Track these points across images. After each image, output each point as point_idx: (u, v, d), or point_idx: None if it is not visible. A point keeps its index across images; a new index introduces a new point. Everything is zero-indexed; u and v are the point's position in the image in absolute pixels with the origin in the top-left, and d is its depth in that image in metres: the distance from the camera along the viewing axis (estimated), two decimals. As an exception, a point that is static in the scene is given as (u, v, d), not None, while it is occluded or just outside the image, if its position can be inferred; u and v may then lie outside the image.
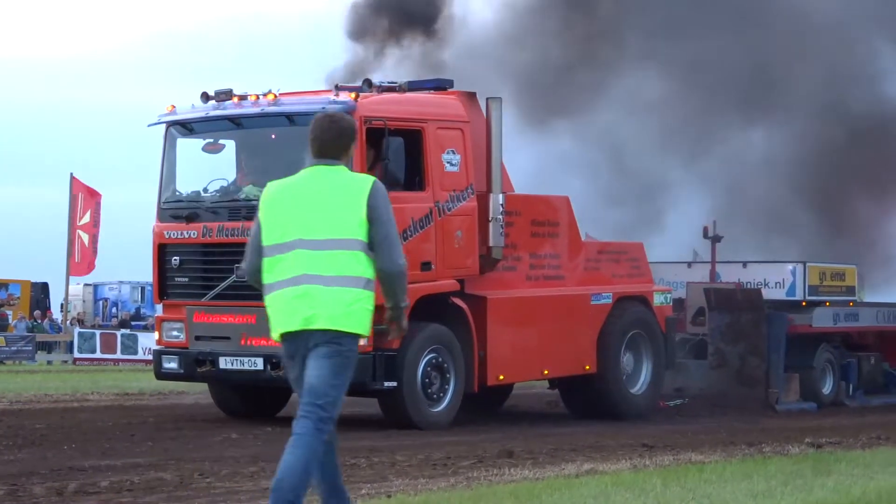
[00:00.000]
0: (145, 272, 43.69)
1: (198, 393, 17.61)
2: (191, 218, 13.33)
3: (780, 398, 17.54)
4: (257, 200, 12.60)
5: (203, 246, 13.29)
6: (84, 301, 43.91)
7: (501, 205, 13.62)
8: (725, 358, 17.42)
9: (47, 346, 34.72)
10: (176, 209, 13.51)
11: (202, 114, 13.45)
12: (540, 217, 14.70)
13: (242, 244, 12.58)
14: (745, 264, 18.81)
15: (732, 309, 17.50)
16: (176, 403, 16.67)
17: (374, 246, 5.98)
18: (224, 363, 13.11)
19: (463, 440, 12.12)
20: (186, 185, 13.72)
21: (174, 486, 8.83)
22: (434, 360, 13.10)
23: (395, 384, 12.73)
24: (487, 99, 13.90)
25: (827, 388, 18.63)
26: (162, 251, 13.51)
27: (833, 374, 18.75)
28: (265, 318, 13.07)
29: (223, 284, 13.09)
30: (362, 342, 6.33)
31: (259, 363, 12.89)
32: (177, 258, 13.41)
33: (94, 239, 32.89)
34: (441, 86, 13.97)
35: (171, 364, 13.55)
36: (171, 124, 13.66)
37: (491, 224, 13.55)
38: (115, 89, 71.75)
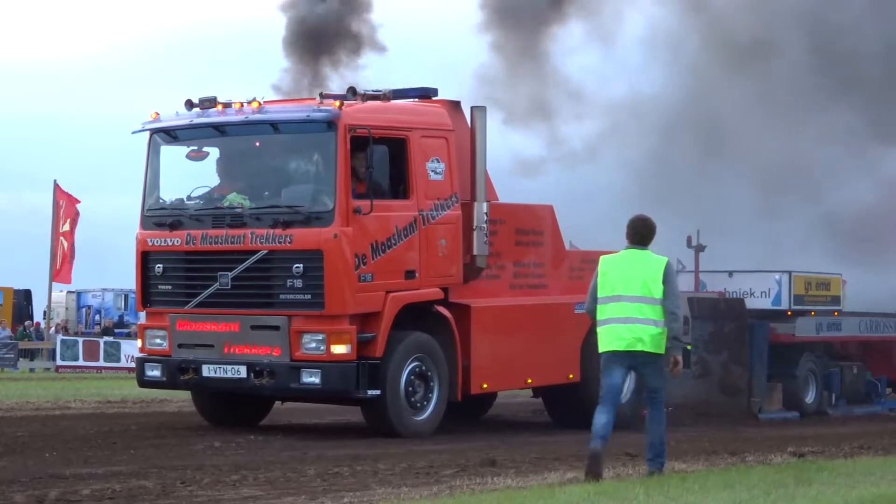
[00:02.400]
0: (128, 280, 43.68)
1: (180, 401, 17.69)
2: (174, 225, 13.33)
3: (763, 407, 17.67)
4: (241, 208, 12.64)
5: (186, 254, 13.29)
6: (67, 308, 44.03)
7: (486, 213, 13.67)
8: (708, 367, 17.46)
9: (30, 354, 34.85)
10: (159, 217, 13.51)
11: (186, 121, 13.46)
12: (524, 226, 14.77)
13: (227, 252, 12.90)
14: (731, 273, 18.90)
15: (716, 318, 17.57)
16: (158, 411, 16.73)
17: (665, 301, 9.52)
18: (207, 371, 13.12)
19: (446, 448, 12.14)
20: (170, 192, 13.71)
21: (156, 494, 8.85)
22: (418, 369, 13.15)
23: (378, 392, 12.76)
24: (472, 108, 13.97)
25: (809, 398, 18.75)
26: (145, 259, 13.52)
27: (816, 384, 18.88)
28: (248, 326, 13.07)
29: (206, 292, 13.10)
30: None
31: (242, 371, 12.91)
32: (160, 266, 13.42)
33: (72, 246, 32.96)
34: (426, 94, 14.03)
35: (153, 372, 13.54)
36: (154, 131, 13.67)
37: (475, 233, 13.61)
38: (98, 96, 71.63)
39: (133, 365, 32.98)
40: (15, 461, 10.73)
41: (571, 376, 14.78)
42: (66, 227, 32.38)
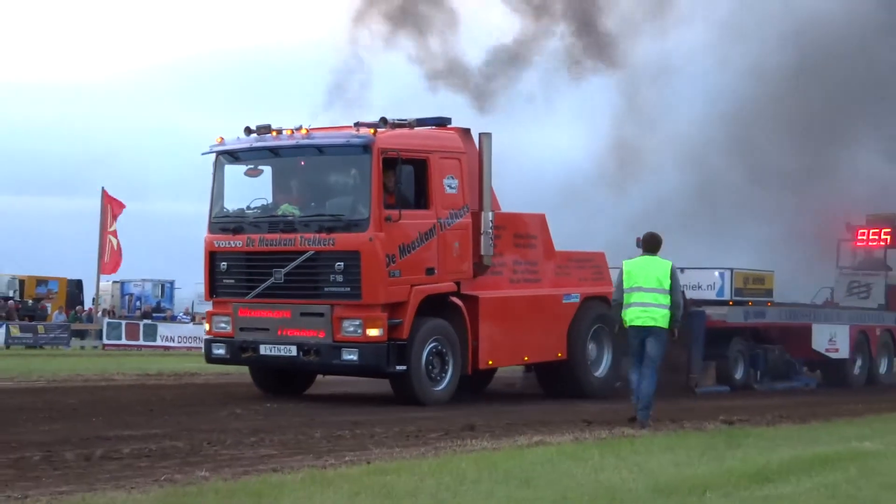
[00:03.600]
0: (165, 272, 44.48)
1: (208, 375, 17.99)
2: (236, 230, 13.92)
3: (699, 382, 17.84)
4: (292, 216, 13.44)
5: (246, 254, 13.86)
6: (112, 296, 44.48)
7: (491, 221, 14.27)
8: None
9: (80, 334, 35.53)
10: (224, 223, 14.11)
11: (247, 145, 14.07)
12: (521, 231, 15.34)
13: (280, 252, 13.75)
14: (682, 270, 19.54)
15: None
16: (189, 383, 16.83)
17: (671, 291, 11.70)
18: (264, 350, 13.70)
19: (432, 416, 12.21)
20: (232, 203, 14.33)
21: (186, 452, 8.94)
22: (436, 349, 13.71)
23: (405, 367, 13.36)
24: (480, 134, 14.53)
25: (738, 375, 19.01)
26: (212, 258, 14.10)
27: (744, 363, 19.17)
28: (298, 313, 13.64)
29: (263, 285, 13.68)
30: None
31: (293, 350, 13.50)
32: (224, 263, 14.00)
33: (120, 244, 34.01)
34: (441, 122, 14.58)
35: (219, 351, 14.12)
36: (220, 153, 14.31)
37: (482, 237, 14.22)
38: (138, 112, 71.50)
39: (168, 343, 34.16)
40: (66, 425, 10.81)
41: (560, 354, 15.39)
42: (114, 227, 33.19)
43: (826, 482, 7.91)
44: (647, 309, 11.73)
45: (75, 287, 41.72)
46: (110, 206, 33.78)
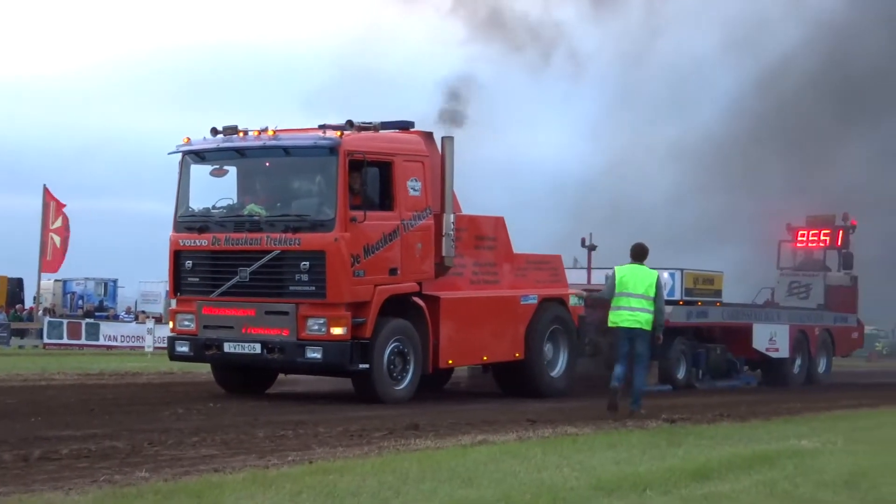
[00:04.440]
0: (107, 270, 43.79)
1: (150, 375, 17.41)
2: (202, 230, 13.52)
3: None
4: (259, 216, 12.96)
5: (212, 253, 13.46)
6: (54, 294, 43.48)
7: (452, 223, 13.97)
8: (598, 348, 17.28)
9: (21, 333, 34.23)
10: (189, 222, 13.70)
11: (214, 145, 13.69)
12: (481, 233, 15.05)
13: (246, 251, 13.22)
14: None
15: (605, 307, 17.53)
16: (131, 383, 16.21)
17: (656, 299, 12.48)
18: (228, 347, 13.30)
19: (376, 414, 11.91)
20: (197, 202, 13.89)
21: (126, 453, 8.61)
22: (397, 348, 13.37)
23: (367, 366, 13.01)
24: (443, 138, 14.26)
25: (680, 374, 18.73)
26: (177, 256, 13.68)
27: (686, 362, 18.89)
28: (262, 311, 13.29)
29: (228, 284, 13.30)
30: None
31: (257, 348, 13.11)
32: (189, 262, 13.59)
33: (64, 241, 33.08)
34: (405, 126, 14.23)
35: (182, 348, 13.69)
36: (186, 153, 13.90)
37: (444, 238, 13.90)
38: (82, 110, 70.46)
39: (110, 343, 33.28)
40: (4, 425, 10.27)
41: (518, 354, 15.07)
42: (59, 224, 32.40)
43: (765, 479, 7.73)
44: (634, 313, 12.51)
45: (16, 285, 40.58)
46: (52, 204, 32.91)
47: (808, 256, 23.89)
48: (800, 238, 23.87)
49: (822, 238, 23.58)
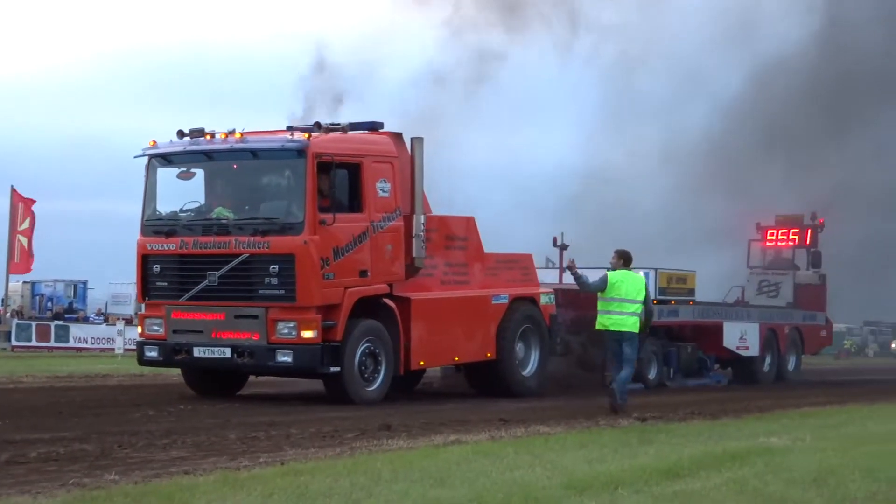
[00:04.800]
0: (79, 272, 43.32)
1: (121, 377, 17.30)
2: (170, 233, 13.45)
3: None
4: (227, 220, 12.91)
5: (180, 256, 13.39)
6: (22, 296, 43.03)
7: (422, 224, 13.96)
8: (570, 347, 17.34)
9: None
10: (156, 226, 13.62)
11: (181, 148, 13.61)
12: (452, 233, 15.05)
13: (214, 255, 13.15)
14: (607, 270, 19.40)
15: (576, 306, 17.39)
16: (101, 385, 16.18)
17: (643, 302, 13.16)
18: (198, 352, 13.24)
19: (349, 415, 11.86)
20: (164, 205, 13.81)
21: (95, 456, 8.51)
22: (368, 349, 13.35)
23: (338, 369, 12.99)
24: (412, 138, 14.22)
25: (652, 373, 18.77)
26: (145, 260, 13.60)
27: (657, 361, 18.95)
28: (232, 315, 13.22)
29: (197, 288, 13.24)
30: None
31: (227, 352, 13.06)
32: (157, 266, 13.51)
33: (31, 241, 32.65)
34: (374, 127, 14.19)
35: (151, 353, 13.62)
36: (153, 156, 13.81)
37: (414, 239, 13.88)
38: (50, 110, 69.67)
39: (80, 345, 32.85)
40: None
41: (489, 354, 15.10)
42: (26, 226, 31.95)
43: (735, 477, 7.76)
44: (623, 317, 13.18)
45: (-18, 288, 40.25)
46: (21, 205, 32.43)
47: (778, 255, 24.13)
48: (769, 237, 24.09)
49: (791, 237, 23.83)
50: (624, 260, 13.37)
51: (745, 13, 24.24)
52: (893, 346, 56.70)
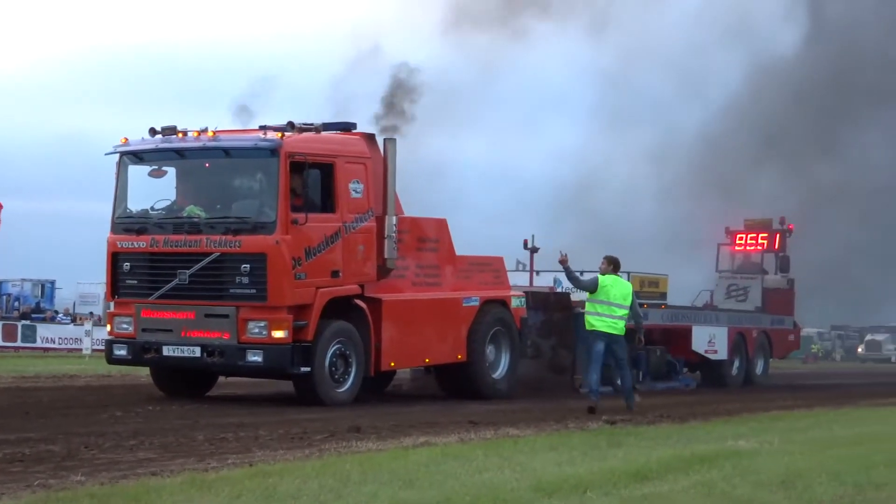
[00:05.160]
0: (46, 271, 42.93)
1: (88, 377, 17.13)
2: (140, 231, 13.36)
3: (584, 383, 17.07)
4: (198, 218, 12.85)
5: (151, 254, 13.31)
6: None
7: (394, 225, 13.96)
8: (540, 349, 17.35)
9: None
10: (127, 224, 13.52)
11: (153, 146, 13.52)
12: (424, 235, 15.06)
13: (185, 254, 13.07)
14: (581, 273, 19.46)
15: (546, 309, 17.52)
16: (68, 385, 16.01)
17: (631, 307, 13.66)
18: (167, 351, 13.16)
19: (318, 417, 11.80)
20: (135, 203, 13.70)
21: (62, 457, 8.41)
22: (339, 350, 13.32)
23: (309, 369, 12.95)
24: (385, 139, 14.24)
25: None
26: (115, 258, 13.49)
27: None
28: (202, 314, 13.14)
29: (168, 286, 13.15)
30: None
31: (197, 351, 12.99)
32: (128, 264, 13.41)
33: None
34: (347, 127, 14.18)
35: (120, 351, 13.51)
36: (124, 154, 13.71)
37: (386, 240, 13.88)
38: (17, 109, 68.80)
39: (47, 345, 32.47)
40: None
41: (460, 356, 15.11)
42: None
43: (703, 480, 7.79)
44: (615, 321, 13.67)
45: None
46: None
47: (747, 260, 24.30)
48: (738, 241, 24.27)
49: (759, 241, 24.01)
50: (613, 266, 13.90)
51: (739, 16, 24.42)
52: (860, 350, 57.37)
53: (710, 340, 20.96)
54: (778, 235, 23.90)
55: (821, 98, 24.29)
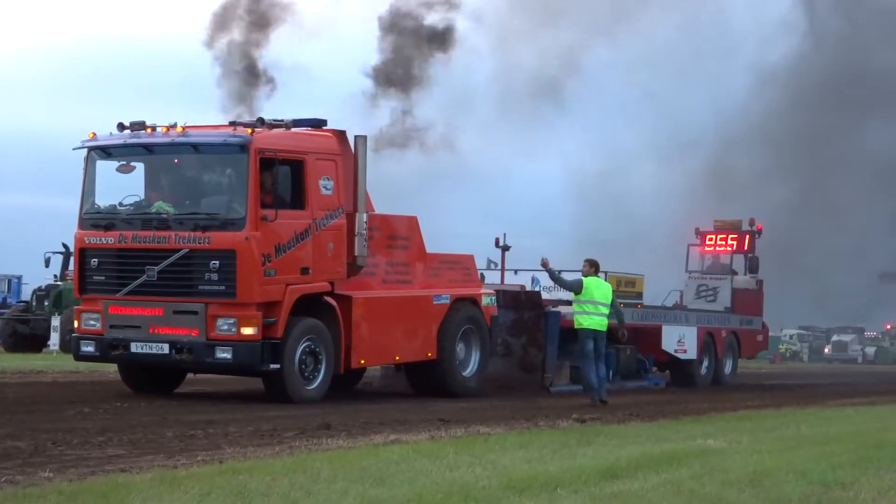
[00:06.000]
0: (13, 267, 42.40)
1: (56, 373, 17.01)
2: (108, 227, 13.28)
3: (554, 382, 17.57)
4: (167, 214, 12.80)
5: (119, 251, 13.23)
6: None
7: (365, 222, 13.93)
8: (511, 348, 17.37)
9: None
10: (95, 219, 13.43)
11: (121, 141, 13.42)
12: (394, 233, 15.05)
13: (154, 250, 13.01)
14: (560, 271, 19.51)
15: (517, 307, 17.53)
16: (35, 381, 15.86)
17: (612, 305, 15.03)
18: (135, 348, 13.08)
19: (288, 414, 11.79)
20: (103, 199, 13.60)
21: (29, 453, 8.33)
22: (309, 348, 13.29)
23: (278, 366, 12.93)
24: (356, 136, 14.18)
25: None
26: (83, 254, 13.41)
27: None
28: (171, 311, 13.09)
29: (136, 283, 13.07)
30: None
31: (165, 348, 12.92)
32: (95, 260, 13.32)
33: None
34: (318, 124, 14.14)
35: (88, 348, 13.41)
36: (92, 148, 13.59)
37: (356, 238, 13.85)
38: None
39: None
40: None
41: (430, 354, 15.13)
42: None
43: (672, 478, 7.85)
44: (601, 318, 14.93)
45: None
46: None
47: (716, 260, 24.50)
48: (708, 242, 24.47)
49: (729, 242, 24.21)
50: (595, 268, 15.22)
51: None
52: (826, 350, 58.02)
53: (679, 340, 21.12)
54: (747, 236, 24.13)
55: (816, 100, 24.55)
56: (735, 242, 24.14)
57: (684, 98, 24.66)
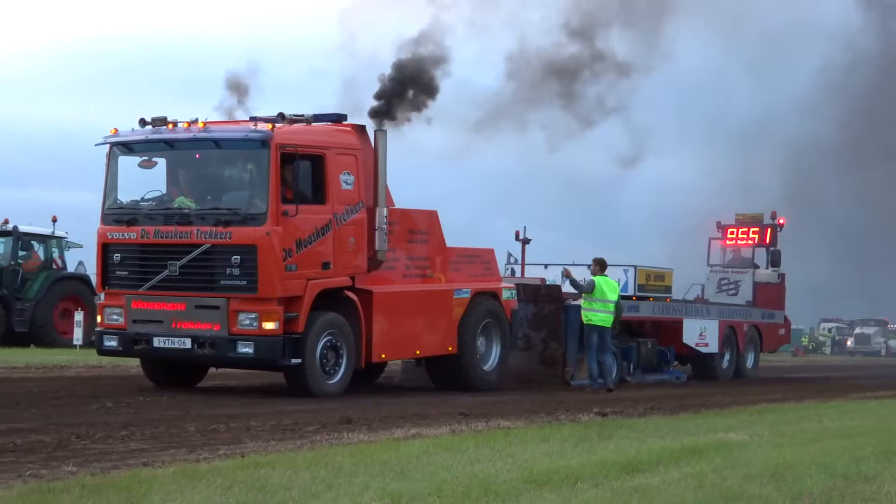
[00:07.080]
0: None
1: (79, 367, 17.11)
2: (130, 222, 13.34)
3: (574, 375, 17.43)
4: (189, 209, 12.86)
5: (141, 246, 13.29)
6: None
7: (385, 217, 13.96)
8: (531, 342, 17.34)
9: None
10: (118, 215, 13.51)
11: (143, 136, 13.50)
12: (414, 227, 15.06)
13: (176, 245, 13.07)
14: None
15: (537, 301, 17.51)
16: (58, 376, 15.77)
17: (617, 302, 16.45)
18: (157, 342, 13.15)
19: (309, 408, 11.80)
20: (125, 194, 13.68)
21: (53, 447, 8.39)
22: (330, 342, 13.33)
23: (299, 361, 12.98)
24: (375, 131, 14.23)
25: (612, 368, 18.42)
26: (105, 249, 13.48)
27: (617, 356, 18.71)
28: (193, 306, 13.14)
29: (158, 277, 13.13)
30: None
31: (187, 343, 12.97)
32: (118, 255, 13.39)
33: None
34: (338, 119, 14.15)
35: (111, 342, 13.49)
36: (114, 144, 13.68)
37: (377, 232, 13.88)
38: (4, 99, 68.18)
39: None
40: None
41: (450, 348, 15.14)
42: None
43: (693, 472, 7.83)
44: (608, 315, 16.34)
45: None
46: None
47: (738, 254, 24.40)
48: (729, 236, 24.37)
49: (751, 236, 24.12)
50: (601, 267, 16.54)
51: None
52: (849, 343, 57.66)
53: (700, 333, 21.04)
54: (769, 230, 24.02)
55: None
56: (756, 236, 24.05)
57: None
